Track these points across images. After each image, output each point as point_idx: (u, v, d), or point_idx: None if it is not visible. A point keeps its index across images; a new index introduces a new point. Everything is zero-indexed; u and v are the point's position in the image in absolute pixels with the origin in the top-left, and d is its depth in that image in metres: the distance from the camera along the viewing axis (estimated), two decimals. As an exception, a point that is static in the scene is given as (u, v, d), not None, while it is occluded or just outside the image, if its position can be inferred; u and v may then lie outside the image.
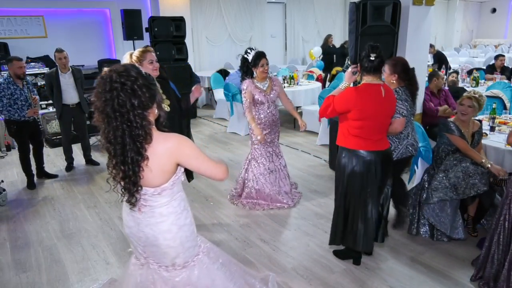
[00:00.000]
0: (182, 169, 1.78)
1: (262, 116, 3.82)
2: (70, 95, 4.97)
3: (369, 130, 2.59)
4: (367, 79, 2.60)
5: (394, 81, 2.96)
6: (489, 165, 3.03)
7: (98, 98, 1.56)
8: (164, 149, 1.65)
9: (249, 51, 3.70)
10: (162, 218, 1.76)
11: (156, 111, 1.68)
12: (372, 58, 2.53)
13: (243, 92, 3.78)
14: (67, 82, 4.93)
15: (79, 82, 5.00)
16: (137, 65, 2.95)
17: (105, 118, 1.56)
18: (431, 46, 8.71)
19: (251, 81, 3.75)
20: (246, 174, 4.02)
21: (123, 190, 1.68)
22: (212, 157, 1.84)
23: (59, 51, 4.83)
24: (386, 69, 2.98)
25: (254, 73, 3.74)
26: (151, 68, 3.02)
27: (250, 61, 3.69)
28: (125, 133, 1.56)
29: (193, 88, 3.38)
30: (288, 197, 4.01)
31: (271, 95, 3.80)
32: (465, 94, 3.25)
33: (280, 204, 3.93)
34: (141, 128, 1.57)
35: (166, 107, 3.17)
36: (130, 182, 1.63)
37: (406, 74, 2.96)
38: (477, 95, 3.18)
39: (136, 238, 1.84)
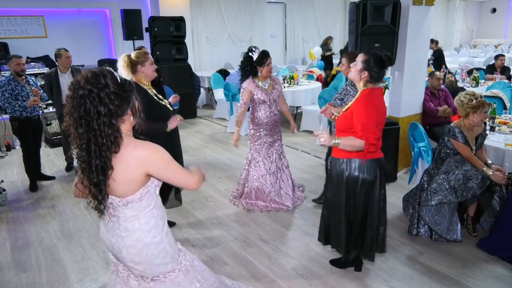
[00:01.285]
0: (155, 183, 1.70)
1: (263, 116, 3.79)
2: None
3: (380, 134, 2.49)
4: (371, 85, 2.50)
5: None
6: (490, 173, 3.03)
7: (68, 103, 1.52)
8: (132, 157, 1.57)
9: (254, 49, 3.67)
10: (127, 232, 1.68)
11: (132, 118, 1.63)
12: (386, 70, 2.49)
13: (241, 91, 3.76)
14: (66, 82, 4.94)
15: None
16: (138, 66, 2.89)
17: (73, 123, 1.52)
18: (434, 41, 8.71)
19: (252, 81, 3.73)
20: (246, 175, 4.01)
21: (92, 197, 1.63)
22: (212, 157, 1.85)
23: (66, 50, 4.88)
24: (343, 61, 3.30)
25: (259, 72, 3.71)
26: (153, 69, 2.99)
27: (255, 59, 3.66)
28: (91, 140, 1.51)
29: (171, 97, 3.42)
30: (289, 198, 3.97)
31: (273, 94, 3.78)
32: (474, 101, 3.06)
33: (279, 206, 3.91)
34: (105, 137, 1.51)
35: (169, 106, 3.13)
36: (97, 189, 1.58)
37: None
38: (482, 99, 3.09)
39: (106, 245, 1.81)
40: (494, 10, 16.48)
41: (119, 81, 1.56)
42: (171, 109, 3.15)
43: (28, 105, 4.40)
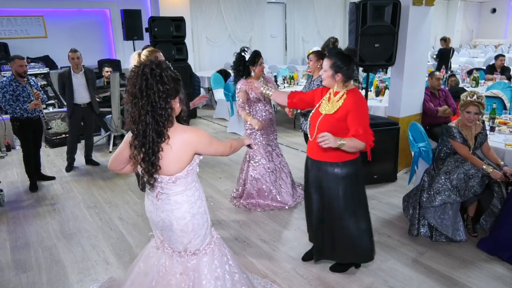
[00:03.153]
0: (197, 160, 1.92)
1: (259, 115, 3.84)
2: (81, 95, 5.02)
3: None
4: (351, 85, 2.53)
5: (319, 67, 3.50)
6: (491, 170, 3.02)
7: (130, 81, 1.73)
8: (181, 140, 1.79)
9: (245, 49, 3.72)
10: (177, 205, 1.90)
11: (179, 105, 1.84)
12: (355, 63, 2.53)
13: (237, 91, 3.79)
14: (79, 82, 4.99)
15: (90, 83, 5.06)
16: None
17: (133, 98, 1.72)
18: (444, 39, 8.68)
19: (246, 81, 3.76)
20: (246, 175, 4.00)
21: (142, 172, 1.81)
22: (212, 157, 1.90)
23: (73, 51, 4.91)
24: (311, 57, 3.59)
25: (252, 72, 3.74)
26: None
27: (247, 59, 3.70)
28: (149, 113, 1.70)
29: (197, 98, 3.46)
30: (289, 197, 3.99)
31: None
32: (467, 98, 3.12)
33: (281, 205, 3.92)
34: (164, 109, 1.71)
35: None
36: (149, 163, 1.76)
37: None
38: (480, 99, 3.09)
39: (154, 222, 1.99)
40: (494, 10, 16.48)
41: (174, 71, 1.82)
42: None
43: (29, 108, 4.40)
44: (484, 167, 3.04)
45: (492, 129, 3.86)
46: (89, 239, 3.49)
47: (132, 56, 3.02)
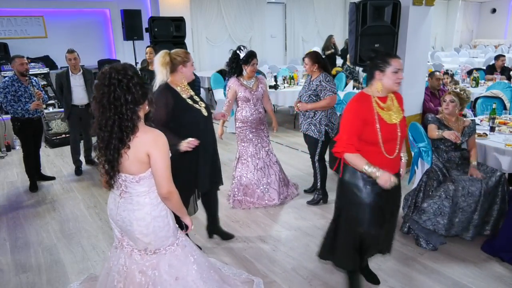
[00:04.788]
0: None
1: (248, 114, 3.84)
2: (80, 96, 4.96)
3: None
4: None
5: (315, 70, 3.65)
6: (444, 132, 3.18)
7: (97, 90, 1.77)
8: (140, 140, 1.82)
9: (242, 48, 3.75)
10: (139, 206, 1.93)
11: (147, 107, 1.89)
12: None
13: (227, 89, 3.85)
14: (77, 83, 4.93)
15: (89, 84, 4.99)
16: (179, 66, 2.71)
17: (101, 108, 1.77)
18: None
19: (237, 79, 3.81)
20: (234, 173, 4.04)
21: (103, 172, 1.89)
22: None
23: (70, 51, 4.85)
24: (306, 61, 3.67)
25: (244, 70, 3.78)
26: (192, 70, 2.84)
27: (241, 58, 3.73)
28: (115, 123, 1.76)
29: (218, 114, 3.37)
30: (276, 194, 3.99)
31: (257, 92, 3.84)
32: (450, 89, 3.36)
33: (266, 203, 3.94)
34: (130, 120, 1.77)
35: (204, 111, 2.85)
36: (110, 166, 1.84)
37: (323, 62, 3.69)
38: (457, 89, 3.29)
39: (114, 220, 2.02)
40: (494, 10, 16.47)
41: (140, 74, 1.85)
42: (204, 114, 2.84)
43: (31, 109, 4.40)
44: (438, 132, 3.21)
45: (492, 129, 3.85)
46: (89, 239, 3.49)
47: (159, 54, 2.68)
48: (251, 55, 3.73)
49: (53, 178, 4.97)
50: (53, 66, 7.72)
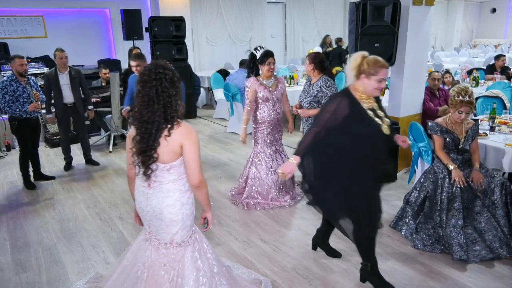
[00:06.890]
0: None
1: (266, 114, 3.85)
2: (66, 94, 4.97)
3: None
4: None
5: (315, 73, 3.57)
6: (452, 168, 3.07)
7: (144, 83, 1.88)
8: (175, 131, 1.92)
9: (259, 48, 3.77)
10: (168, 193, 2.01)
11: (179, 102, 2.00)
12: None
13: (246, 89, 3.84)
14: (64, 82, 4.94)
15: (75, 82, 4.97)
16: (363, 75, 2.34)
17: (149, 100, 1.87)
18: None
19: (256, 79, 3.80)
20: (248, 173, 4.03)
21: (140, 164, 1.96)
22: (212, 157, 1.90)
23: (60, 50, 4.85)
24: (306, 61, 3.61)
25: (260, 70, 3.78)
26: (375, 86, 2.38)
27: (258, 58, 3.74)
28: (161, 115, 1.88)
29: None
30: (290, 196, 4.02)
31: (276, 92, 3.84)
32: (459, 97, 3.03)
33: (281, 204, 3.94)
34: (175, 112, 1.92)
35: (385, 128, 2.44)
36: (147, 156, 1.91)
37: (322, 64, 3.55)
38: (471, 99, 3.03)
39: (143, 213, 2.09)
40: (494, 10, 16.48)
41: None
42: (384, 131, 2.39)
43: (29, 110, 4.39)
44: (448, 164, 3.10)
45: (492, 129, 3.85)
46: (89, 239, 3.49)
47: (358, 54, 2.40)
48: (266, 55, 3.72)
49: (53, 178, 4.96)
50: (53, 66, 7.68)
